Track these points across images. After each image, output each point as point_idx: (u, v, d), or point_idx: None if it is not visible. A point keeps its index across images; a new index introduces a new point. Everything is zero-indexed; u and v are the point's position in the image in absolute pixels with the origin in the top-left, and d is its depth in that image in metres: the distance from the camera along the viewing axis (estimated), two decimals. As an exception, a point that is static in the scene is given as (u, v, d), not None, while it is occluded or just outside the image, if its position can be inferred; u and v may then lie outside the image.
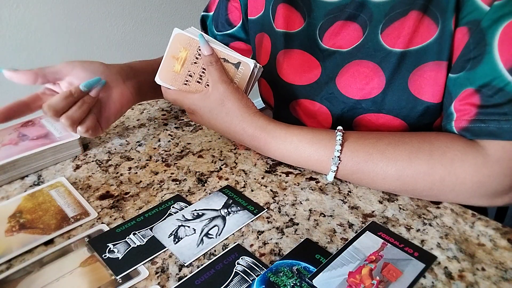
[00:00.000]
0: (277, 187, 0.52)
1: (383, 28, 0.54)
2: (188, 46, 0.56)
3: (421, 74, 0.53)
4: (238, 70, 0.56)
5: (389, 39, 0.54)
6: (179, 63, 0.57)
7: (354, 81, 0.58)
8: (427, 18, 0.51)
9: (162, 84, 0.58)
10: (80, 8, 1.58)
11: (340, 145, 0.49)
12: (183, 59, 0.56)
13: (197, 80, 0.57)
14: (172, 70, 0.57)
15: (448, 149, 0.47)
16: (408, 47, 0.53)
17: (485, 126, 0.46)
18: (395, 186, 0.48)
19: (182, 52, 0.56)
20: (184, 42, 0.56)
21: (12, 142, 0.59)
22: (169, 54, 0.57)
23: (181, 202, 0.50)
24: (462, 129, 0.48)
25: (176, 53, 0.57)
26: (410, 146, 0.48)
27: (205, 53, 0.54)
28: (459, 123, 0.49)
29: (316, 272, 0.39)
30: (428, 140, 0.48)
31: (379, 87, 0.56)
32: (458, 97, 0.49)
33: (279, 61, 0.66)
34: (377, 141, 0.49)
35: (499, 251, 0.41)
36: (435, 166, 0.46)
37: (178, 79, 0.57)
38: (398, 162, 0.47)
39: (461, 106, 0.49)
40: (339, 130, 0.51)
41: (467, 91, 0.48)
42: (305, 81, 0.63)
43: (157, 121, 0.71)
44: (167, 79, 0.58)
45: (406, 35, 0.52)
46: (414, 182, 0.47)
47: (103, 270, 0.40)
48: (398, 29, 0.53)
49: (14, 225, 0.47)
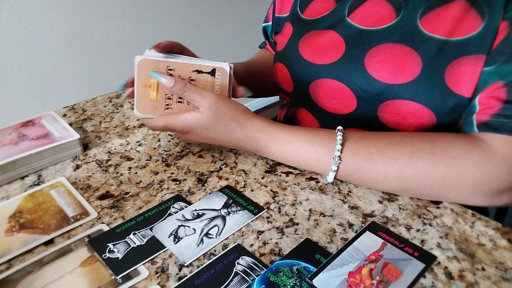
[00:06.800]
0: (277, 187, 0.52)
1: (422, 13, 0.53)
2: (156, 69, 0.53)
3: (459, 66, 0.51)
4: (216, 77, 0.54)
5: (429, 25, 0.53)
6: (153, 90, 0.53)
7: (387, 65, 0.55)
8: (473, 11, 0.50)
9: (143, 117, 0.55)
10: (80, 8, 1.58)
11: (341, 144, 0.49)
12: (155, 85, 0.53)
13: (177, 100, 0.54)
14: (148, 100, 0.54)
15: (451, 148, 0.46)
16: (450, 36, 0.51)
17: (507, 122, 0.46)
18: (396, 185, 0.48)
19: (152, 78, 0.53)
20: (150, 67, 0.53)
21: (12, 142, 0.59)
22: (139, 84, 0.53)
23: (181, 202, 0.50)
24: (482, 122, 0.48)
25: (146, 81, 0.53)
26: (411, 145, 0.48)
27: (169, 85, 0.51)
28: (480, 116, 0.48)
29: (316, 272, 0.39)
30: (430, 140, 0.48)
31: (414, 73, 0.53)
32: (485, 90, 0.49)
33: (301, 42, 0.65)
34: (378, 141, 0.49)
35: (499, 251, 0.41)
36: (436, 164, 0.46)
37: (159, 106, 0.54)
38: (398, 161, 0.47)
39: (486, 100, 0.48)
40: (339, 130, 0.51)
41: (495, 85, 0.48)
42: (328, 59, 0.61)
43: (157, 121, 0.71)
44: (146, 110, 0.54)
45: (450, 24, 0.51)
46: (415, 180, 0.47)
47: (103, 270, 0.40)
48: (440, 16, 0.52)
49: (14, 225, 0.47)
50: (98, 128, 0.69)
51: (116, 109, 0.75)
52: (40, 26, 1.50)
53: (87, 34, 1.64)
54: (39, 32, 1.50)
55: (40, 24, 1.50)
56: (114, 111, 0.75)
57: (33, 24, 1.48)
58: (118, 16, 1.70)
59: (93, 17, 1.63)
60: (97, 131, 0.68)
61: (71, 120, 0.72)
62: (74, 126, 0.68)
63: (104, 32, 1.69)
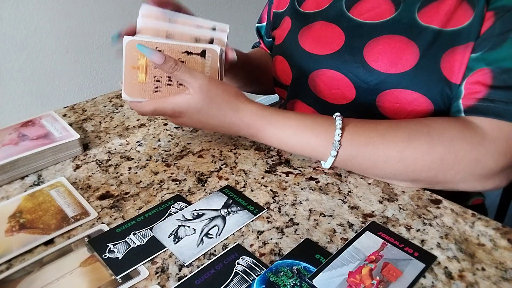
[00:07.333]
0: (277, 187, 0.52)
1: (420, 7, 0.55)
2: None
3: (453, 56, 0.52)
4: (206, 59, 0.52)
5: (426, 17, 0.54)
6: (141, 72, 0.52)
7: (385, 55, 0.56)
8: (465, 3, 0.52)
9: (131, 100, 0.54)
10: (80, 8, 1.58)
11: (341, 129, 0.49)
12: (144, 67, 0.51)
13: (167, 83, 0.52)
14: (137, 82, 0.52)
15: (446, 130, 0.47)
16: (445, 26, 0.53)
17: (493, 106, 0.47)
18: (397, 168, 0.48)
19: (141, 59, 0.51)
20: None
21: (12, 142, 0.59)
22: (127, 65, 0.52)
23: (181, 202, 0.50)
24: (469, 106, 0.49)
25: (134, 62, 0.52)
26: (409, 128, 0.48)
27: (158, 62, 0.49)
28: (467, 101, 0.50)
29: (316, 272, 0.39)
30: (426, 123, 0.49)
31: (412, 62, 0.54)
32: (471, 76, 0.50)
33: (301, 34, 0.66)
34: (377, 125, 0.50)
35: (499, 251, 0.41)
36: (434, 145, 0.47)
37: (147, 89, 0.53)
38: (398, 143, 0.48)
39: (472, 85, 0.50)
40: (337, 115, 0.51)
41: (481, 71, 0.49)
42: (328, 50, 0.62)
43: (157, 121, 0.71)
44: (135, 93, 0.53)
45: (444, 14, 0.53)
46: (415, 162, 0.47)
47: (103, 270, 0.40)
48: (436, 8, 0.53)
49: (14, 225, 0.47)
50: (98, 128, 0.69)
51: (116, 109, 0.76)
52: (40, 26, 1.50)
53: (87, 34, 1.64)
54: (39, 32, 1.50)
55: (40, 24, 1.50)
56: (114, 111, 0.75)
57: (33, 24, 1.48)
58: (118, 16, 1.70)
59: (93, 17, 1.63)
60: (97, 131, 0.68)
61: (71, 120, 0.72)
62: (74, 126, 0.68)
63: (104, 32, 1.69)
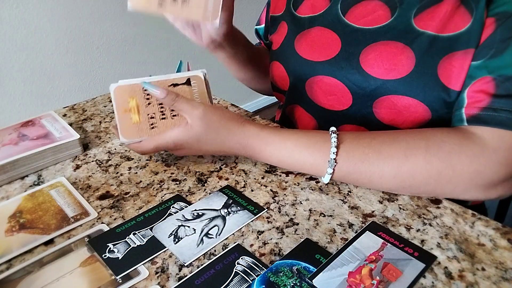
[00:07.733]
0: (277, 187, 0.52)
1: (416, 13, 0.54)
2: (133, 93, 0.53)
3: (450, 62, 0.52)
4: (192, 86, 0.54)
5: (422, 22, 0.54)
6: (134, 113, 0.53)
7: (382, 61, 0.56)
8: (462, 8, 0.51)
9: (130, 142, 0.54)
10: (80, 8, 1.58)
11: (336, 147, 0.49)
12: (135, 107, 0.53)
13: (161, 117, 0.53)
14: (132, 124, 0.53)
15: (444, 143, 0.47)
16: (441, 32, 0.52)
17: (496, 115, 0.46)
18: (393, 184, 0.48)
19: (131, 101, 0.53)
20: (127, 92, 0.53)
21: (12, 142, 0.59)
22: (119, 110, 0.53)
23: (181, 202, 0.50)
24: (472, 116, 0.49)
25: (125, 105, 0.53)
26: (405, 143, 0.48)
27: (161, 96, 0.51)
28: (470, 110, 0.49)
29: (316, 272, 0.39)
30: (424, 136, 0.48)
31: (408, 68, 0.54)
32: (473, 84, 0.50)
33: (298, 40, 0.66)
34: (372, 140, 0.49)
35: (499, 251, 0.41)
36: (431, 160, 0.46)
37: (143, 128, 0.53)
38: (394, 159, 0.47)
39: (475, 93, 0.49)
40: (333, 131, 0.50)
41: (483, 79, 0.48)
42: (324, 56, 0.62)
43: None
44: (132, 135, 0.53)
45: (441, 20, 0.52)
46: (412, 178, 0.47)
47: (103, 270, 0.40)
48: (433, 13, 0.53)
49: (14, 225, 0.47)
50: (98, 128, 0.69)
51: (116, 109, 0.75)
52: (40, 26, 1.50)
53: (87, 34, 1.64)
54: (39, 32, 1.50)
55: (40, 24, 1.50)
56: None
57: (33, 24, 1.48)
58: (118, 16, 1.70)
59: (93, 17, 1.63)
60: (97, 131, 0.68)
61: (71, 120, 0.72)
62: (74, 126, 0.68)
63: (104, 32, 1.69)
